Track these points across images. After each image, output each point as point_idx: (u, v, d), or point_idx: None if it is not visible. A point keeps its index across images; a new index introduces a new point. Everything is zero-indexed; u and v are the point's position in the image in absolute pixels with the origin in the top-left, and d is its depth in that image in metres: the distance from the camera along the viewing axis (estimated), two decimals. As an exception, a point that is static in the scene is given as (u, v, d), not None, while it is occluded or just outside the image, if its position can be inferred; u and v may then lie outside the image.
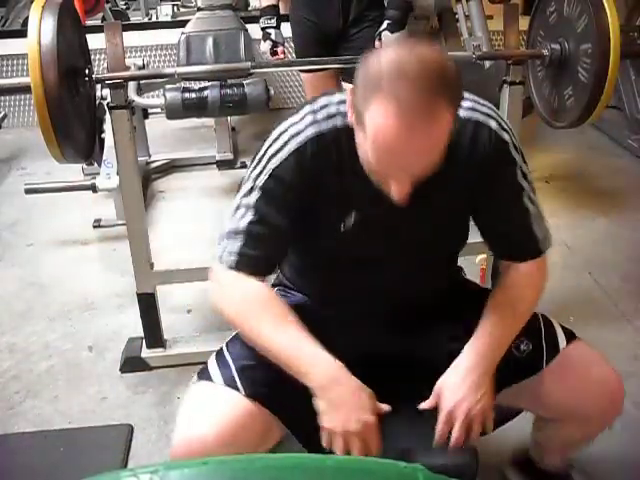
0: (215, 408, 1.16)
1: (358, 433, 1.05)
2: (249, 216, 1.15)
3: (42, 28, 1.53)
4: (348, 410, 1.07)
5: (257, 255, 1.15)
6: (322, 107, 1.16)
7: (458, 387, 1.12)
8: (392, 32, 2.42)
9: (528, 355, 1.25)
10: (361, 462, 0.56)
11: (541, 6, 1.98)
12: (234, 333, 1.25)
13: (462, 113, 1.11)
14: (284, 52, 2.57)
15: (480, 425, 1.12)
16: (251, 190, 1.16)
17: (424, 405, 1.15)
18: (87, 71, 1.75)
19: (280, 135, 1.16)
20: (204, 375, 1.21)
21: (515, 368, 1.23)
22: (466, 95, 1.13)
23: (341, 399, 1.07)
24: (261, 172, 1.16)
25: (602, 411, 1.28)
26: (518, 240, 1.24)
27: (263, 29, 2.59)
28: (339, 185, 1.16)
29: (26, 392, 2.05)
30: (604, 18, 1.70)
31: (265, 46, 2.59)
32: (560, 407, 1.27)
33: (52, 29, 1.54)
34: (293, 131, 1.15)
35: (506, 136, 1.17)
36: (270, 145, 1.17)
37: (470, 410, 1.10)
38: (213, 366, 1.22)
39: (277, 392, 1.16)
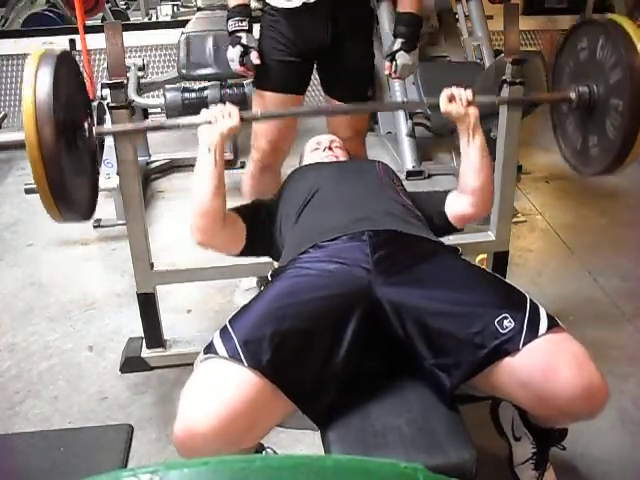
0: (219, 381, 1.18)
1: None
2: None
3: (38, 83, 1.40)
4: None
5: None
6: None
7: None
8: (408, 51, 2.14)
9: (508, 332, 1.24)
10: (361, 462, 0.56)
11: (571, 41, 1.80)
12: (236, 311, 1.33)
13: None
14: (258, 57, 2.10)
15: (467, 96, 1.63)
16: None
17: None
18: (87, 125, 1.59)
19: None
20: (209, 349, 1.24)
21: (495, 345, 1.23)
22: None
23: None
24: None
25: (572, 403, 1.19)
26: None
27: (231, 32, 2.11)
28: None
29: (26, 392, 2.05)
30: (638, 66, 1.55)
31: (234, 52, 2.10)
32: (531, 394, 1.23)
33: (49, 84, 1.40)
34: None
35: None
36: None
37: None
38: (217, 341, 1.24)
39: (280, 364, 1.20)
